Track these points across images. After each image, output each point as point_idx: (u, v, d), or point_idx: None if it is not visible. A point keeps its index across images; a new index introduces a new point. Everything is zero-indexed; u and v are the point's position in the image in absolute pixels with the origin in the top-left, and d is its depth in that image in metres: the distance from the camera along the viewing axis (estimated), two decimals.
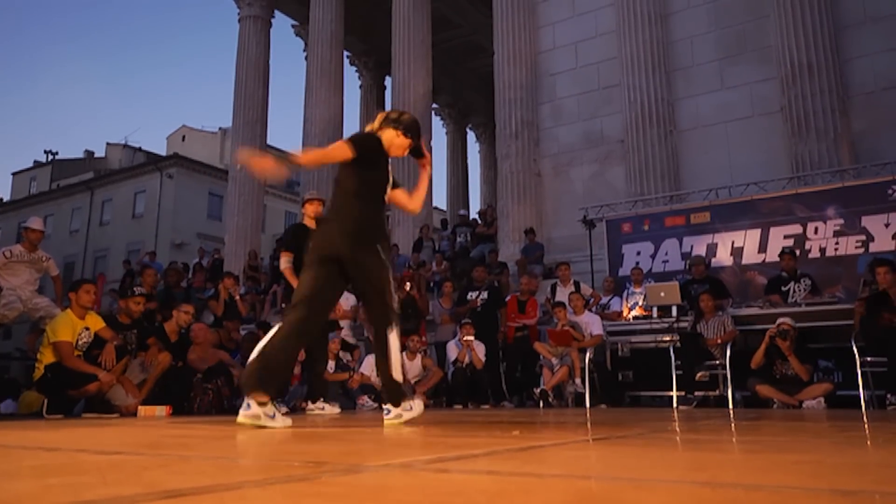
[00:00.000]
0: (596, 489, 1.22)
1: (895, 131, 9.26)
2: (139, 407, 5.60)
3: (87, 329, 5.71)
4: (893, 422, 3.76)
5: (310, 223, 6.04)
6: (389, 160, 3.65)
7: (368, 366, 7.98)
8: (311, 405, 5.78)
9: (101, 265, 29.07)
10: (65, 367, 5.46)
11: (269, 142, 19.06)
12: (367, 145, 3.51)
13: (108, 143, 38.47)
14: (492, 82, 13.07)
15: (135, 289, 6.65)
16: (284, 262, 5.82)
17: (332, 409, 5.73)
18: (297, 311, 3.34)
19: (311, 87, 16.15)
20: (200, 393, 6.39)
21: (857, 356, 6.05)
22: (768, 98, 10.22)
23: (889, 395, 5.90)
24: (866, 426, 3.43)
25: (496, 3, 13.07)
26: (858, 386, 6.01)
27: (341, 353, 8.07)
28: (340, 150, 3.39)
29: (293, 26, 20.68)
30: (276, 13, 18.93)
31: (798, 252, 8.10)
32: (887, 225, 7.99)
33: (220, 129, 35.32)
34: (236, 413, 3.24)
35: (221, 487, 1.25)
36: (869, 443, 2.43)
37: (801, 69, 9.72)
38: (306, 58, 17.36)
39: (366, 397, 7.62)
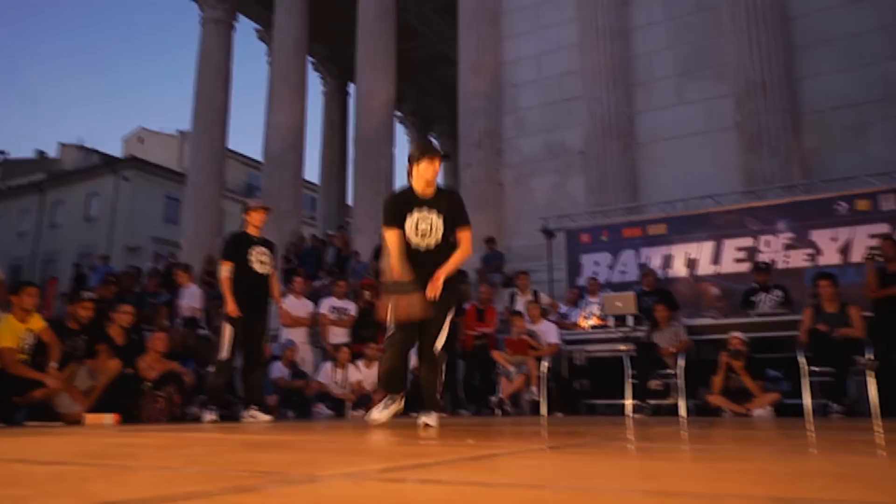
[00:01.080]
0: (544, 498, 1.23)
1: (843, 149, 9.59)
2: (86, 415, 5.44)
3: (31, 331, 5.54)
4: (835, 430, 3.87)
5: (253, 231, 5.94)
6: (423, 203, 3.92)
7: (325, 374, 7.91)
8: (245, 413, 5.75)
9: (51, 269, 28.21)
10: (9, 374, 5.28)
11: (229, 146, 18.81)
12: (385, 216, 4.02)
13: (61, 144, 37.38)
14: (455, 92, 13.12)
15: (83, 293, 6.48)
16: (224, 271, 5.70)
17: (263, 417, 5.69)
18: None
19: (273, 93, 15.98)
20: (150, 400, 6.24)
21: (803, 366, 6.23)
22: (724, 114, 10.47)
23: (831, 404, 6.09)
24: (811, 435, 3.52)
25: (461, 13, 13.14)
26: (805, 395, 6.19)
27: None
28: (388, 237, 3.93)
29: (257, 31, 20.48)
30: (240, 17, 18.72)
31: (754, 264, 8.31)
32: (834, 239, 8.25)
33: (178, 131, 34.70)
34: (187, 421, 3.21)
35: (164, 499, 1.22)
36: (811, 451, 2.50)
37: (755, 87, 9.99)
38: (269, 63, 17.20)
39: (322, 405, 7.54)
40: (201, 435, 3.64)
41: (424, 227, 3.85)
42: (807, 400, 6.16)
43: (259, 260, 5.81)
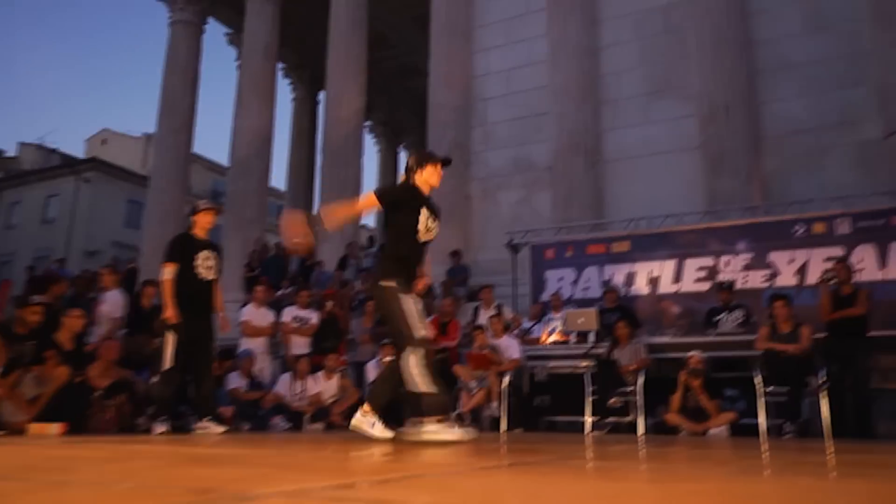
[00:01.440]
0: None
1: (802, 172, 9.81)
2: (30, 424, 5.25)
3: None
4: (787, 451, 3.91)
5: (200, 234, 5.71)
6: (429, 204, 4.24)
7: (283, 385, 7.78)
8: (196, 424, 5.55)
9: (6, 271, 27.34)
10: None
11: (194, 150, 18.54)
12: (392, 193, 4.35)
13: (20, 143, 36.41)
14: (425, 103, 13.12)
15: (31, 297, 6.27)
16: (167, 273, 5.42)
17: (216, 429, 5.48)
18: None
19: (242, 98, 15.80)
20: (99, 410, 6.06)
21: (759, 386, 6.31)
22: (688, 135, 10.64)
23: (785, 424, 6.17)
24: (764, 455, 3.55)
25: (433, 25, 13.18)
26: (760, 415, 6.26)
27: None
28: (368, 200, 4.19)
29: (226, 34, 20.29)
30: (210, 20, 18.52)
31: (714, 283, 8.43)
32: (791, 261, 8.41)
33: (144, 134, 34.08)
34: (138, 432, 3.12)
35: None
36: (763, 472, 2.51)
37: (718, 109, 10.18)
38: (239, 67, 17.01)
39: (279, 418, 7.41)
40: (147, 447, 3.53)
41: (431, 224, 4.20)
42: (762, 420, 6.24)
43: (205, 265, 5.59)
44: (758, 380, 6.34)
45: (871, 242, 8.02)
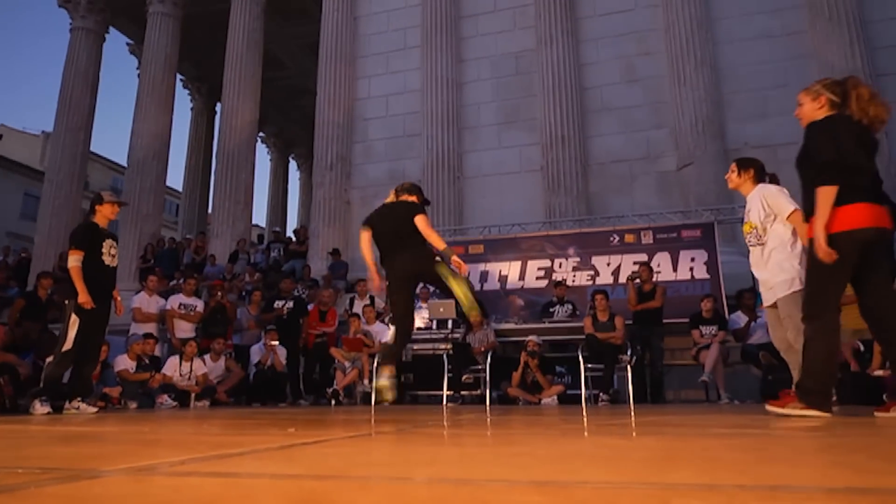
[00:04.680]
0: (318, 490, 1.06)
1: (618, 194, 10.45)
2: None
3: None
4: (601, 416, 4.07)
5: (103, 223, 5.15)
6: (403, 208, 4.49)
7: (171, 366, 7.18)
8: (68, 404, 4.94)
9: None
10: None
11: (96, 150, 16.83)
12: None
13: None
14: (314, 120, 12.70)
15: None
16: (76, 260, 4.87)
17: (87, 409, 4.93)
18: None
19: (140, 104, 14.50)
20: None
21: (581, 364, 6.60)
22: (532, 159, 11.02)
23: (601, 394, 6.50)
24: (584, 420, 3.66)
25: (322, 52, 12.78)
26: (581, 387, 6.55)
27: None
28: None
29: (128, 44, 18.60)
30: (112, 29, 16.86)
31: (551, 281, 8.76)
32: (608, 264, 8.92)
33: (43, 132, 30.53)
34: (18, 412, 2.66)
35: None
36: (581, 434, 2.55)
37: (556, 140, 10.63)
38: (139, 75, 15.62)
39: (165, 396, 6.81)
40: (16, 427, 3.05)
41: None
42: (583, 391, 6.53)
43: (109, 252, 5.08)
44: (581, 359, 6.62)
45: (666, 251, 8.67)
